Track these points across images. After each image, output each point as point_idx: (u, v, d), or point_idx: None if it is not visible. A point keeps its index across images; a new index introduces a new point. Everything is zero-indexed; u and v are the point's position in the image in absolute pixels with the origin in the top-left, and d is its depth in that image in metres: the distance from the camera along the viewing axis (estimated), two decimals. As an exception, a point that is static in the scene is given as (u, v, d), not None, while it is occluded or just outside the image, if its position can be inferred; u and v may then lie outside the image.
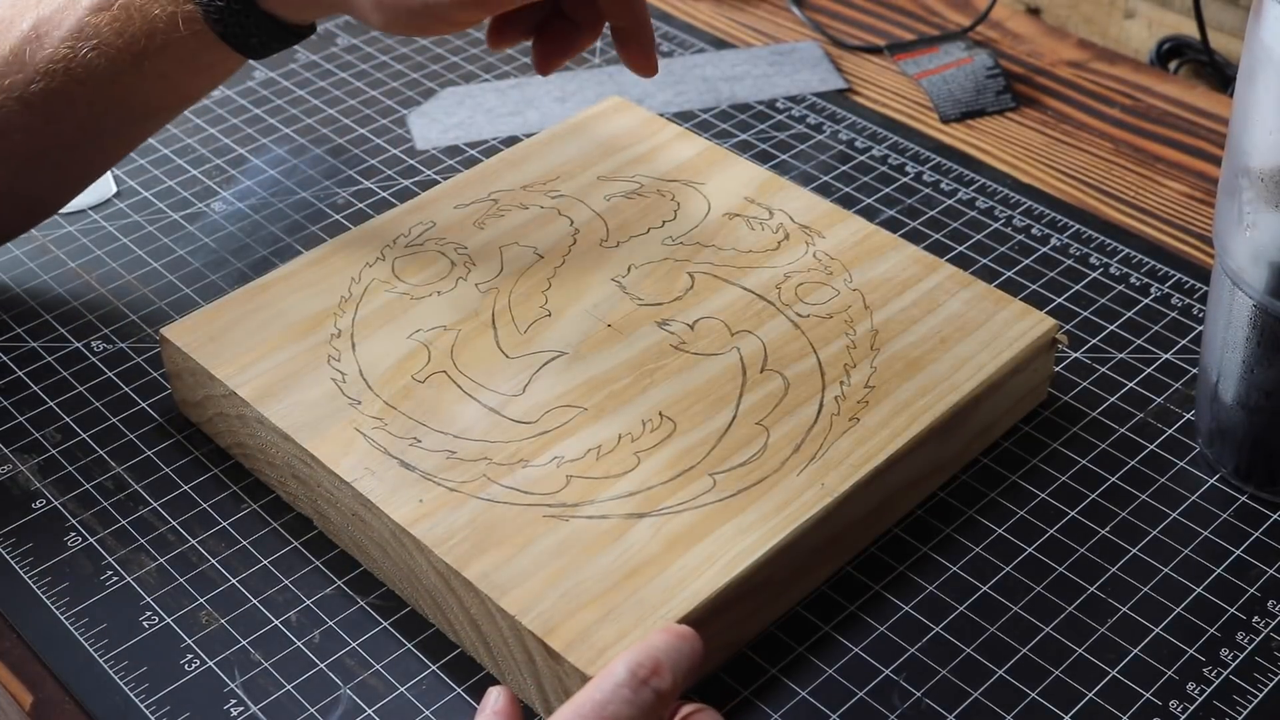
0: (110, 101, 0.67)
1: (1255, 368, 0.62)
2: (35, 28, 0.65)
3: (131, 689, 0.58)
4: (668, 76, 0.92)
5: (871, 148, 0.86)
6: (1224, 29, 0.95)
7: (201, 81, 0.70)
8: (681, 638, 0.49)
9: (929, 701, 0.57)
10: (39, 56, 0.65)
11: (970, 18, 0.98)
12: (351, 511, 0.61)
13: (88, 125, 0.68)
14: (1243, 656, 0.59)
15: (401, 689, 0.58)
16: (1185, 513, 0.64)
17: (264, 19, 0.65)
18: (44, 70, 0.65)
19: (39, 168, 0.70)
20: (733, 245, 0.71)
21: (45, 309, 0.76)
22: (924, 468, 0.63)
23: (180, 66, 0.66)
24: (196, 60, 0.66)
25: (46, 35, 0.65)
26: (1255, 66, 0.57)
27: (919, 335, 0.66)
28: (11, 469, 0.67)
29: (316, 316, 0.67)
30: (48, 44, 0.65)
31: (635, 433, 0.62)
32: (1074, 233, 0.80)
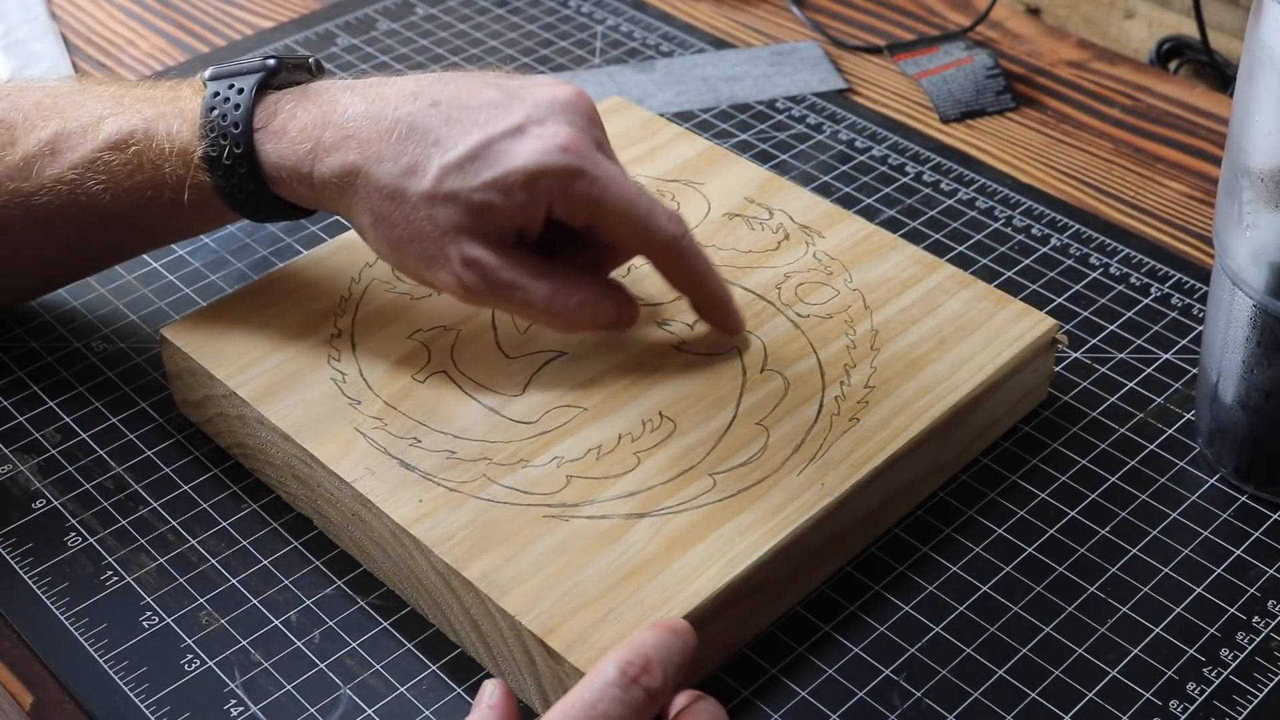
0: (110, 228, 0.67)
1: (1255, 368, 0.62)
2: (53, 141, 0.64)
3: (131, 689, 0.58)
4: (668, 76, 0.92)
5: (871, 148, 0.86)
6: (1224, 29, 0.95)
7: (204, 227, 0.70)
8: (673, 633, 0.49)
9: (929, 701, 0.57)
10: (47, 173, 0.64)
11: (970, 18, 0.98)
12: (351, 511, 0.61)
13: (85, 240, 0.68)
14: (1243, 656, 0.59)
15: (401, 689, 0.58)
16: (1185, 513, 0.64)
17: (273, 199, 0.64)
18: (50, 187, 0.64)
19: (29, 264, 0.70)
20: (733, 245, 0.71)
21: (45, 309, 0.76)
22: (924, 468, 0.63)
23: (184, 214, 0.65)
24: (201, 213, 0.65)
25: (61, 154, 0.64)
26: (1255, 66, 0.57)
27: (919, 335, 0.66)
28: (11, 469, 0.67)
29: (316, 316, 0.67)
30: (59, 163, 0.64)
31: (635, 433, 0.62)
32: (1074, 233, 0.80)
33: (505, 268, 0.61)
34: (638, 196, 0.61)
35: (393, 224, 0.61)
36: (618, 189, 0.61)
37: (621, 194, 0.61)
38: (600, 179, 0.60)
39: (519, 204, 0.60)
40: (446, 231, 0.60)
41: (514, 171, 0.59)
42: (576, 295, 0.62)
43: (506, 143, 0.60)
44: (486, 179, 0.60)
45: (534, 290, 0.61)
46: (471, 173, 0.60)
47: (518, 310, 0.62)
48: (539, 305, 0.61)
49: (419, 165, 0.60)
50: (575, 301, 0.62)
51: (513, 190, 0.59)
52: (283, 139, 0.62)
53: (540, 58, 0.95)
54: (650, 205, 0.62)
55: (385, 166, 0.60)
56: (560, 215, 0.61)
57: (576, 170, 0.60)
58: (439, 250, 0.61)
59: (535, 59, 0.95)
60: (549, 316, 0.62)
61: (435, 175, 0.60)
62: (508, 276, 0.61)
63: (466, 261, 0.60)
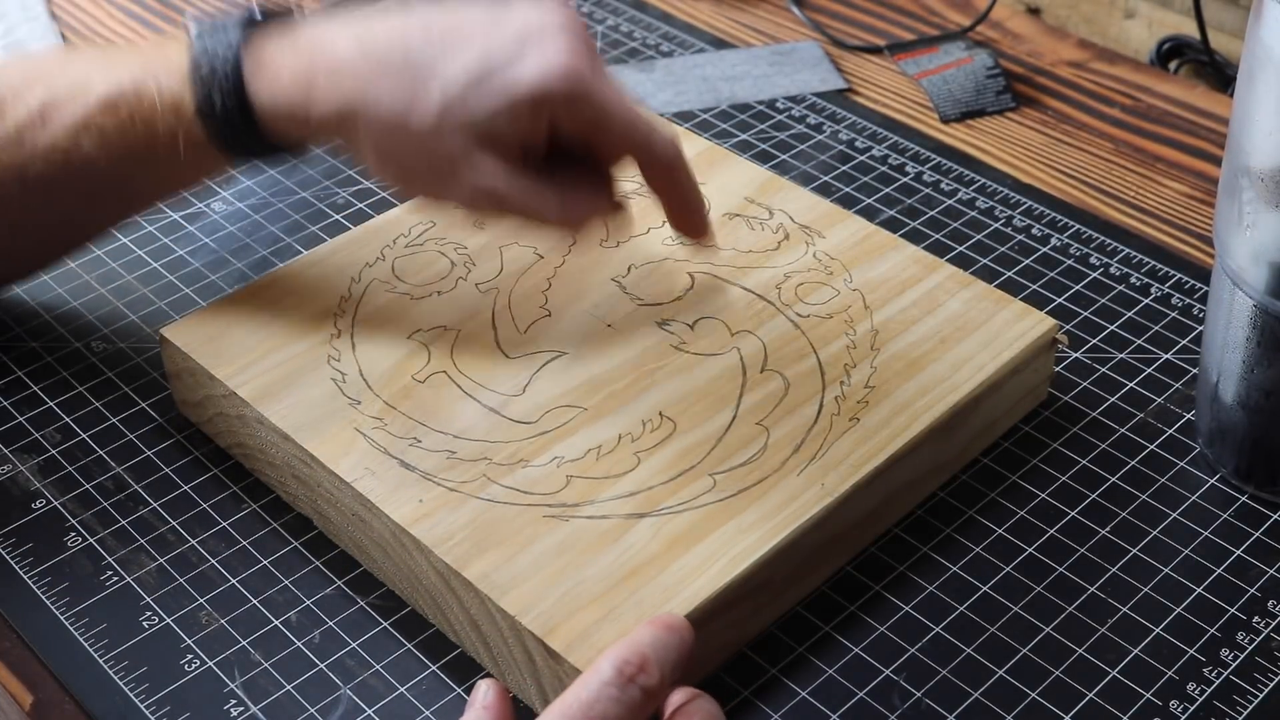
0: (105, 190, 0.67)
1: (1255, 368, 0.62)
2: (43, 110, 0.64)
3: (131, 689, 0.58)
4: (668, 76, 0.92)
5: (871, 148, 0.86)
6: (1224, 29, 0.95)
7: (197, 176, 0.69)
8: (670, 630, 0.48)
9: (929, 701, 0.57)
10: (41, 141, 0.64)
11: (970, 18, 0.98)
12: (351, 511, 0.61)
13: (81, 207, 0.68)
14: (1243, 656, 0.59)
15: (401, 689, 0.58)
16: (1185, 513, 0.64)
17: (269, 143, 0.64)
18: (44, 156, 0.64)
19: (28, 237, 0.70)
20: (733, 245, 0.71)
21: (45, 309, 0.76)
22: (924, 468, 0.63)
23: (178, 167, 0.65)
24: (196, 164, 0.65)
25: (52, 121, 0.64)
26: (1255, 66, 0.57)
27: (919, 335, 0.66)
28: (11, 469, 0.67)
29: (316, 316, 0.67)
30: (52, 130, 0.64)
31: (635, 433, 0.62)
32: (1074, 233, 0.80)
33: (515, 182, 0.62)
34: (638, 119, 0.63)
35: (399, 155, 0.62)
36: (620, 112, 0.62)
37: (624, 117, 0.62)
38: (600, 98, 0.61)
39: (525, 127, 0.61)
40: (455, 156, 0.61)
41: (520, 97, 0.60)
42: (584, 201, 0.64)
43: (507, 66, 0.60)
44: (491, 106, 0.60)
45: (546, 200, 0.63)
46: (475, 100, 0.60)
47: (531, 220, 0.64)
48: (553, 214, 0.63)
49: (420, 98, 0.60)
50: (584, 208, 0.64)
51: (519, 115, 0.60)
52: (276, 83, 0.62)
53: (540, 58, 0.95)
54: (649, 129, 0.63)
55: (385, 102, 0.61)
56: (562, 134, 0.62)
57: (581, 93, 0.61)
58: (451, 173, 0.62)
59: (535, 59, 0.95)
60: (561, 224, 0.64)
61: (439, 106, 0.60)
62: (519, 190, 0.62)
63: (478, 180, 0.61)
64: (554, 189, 0.63)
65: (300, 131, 0.63)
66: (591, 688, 0.46)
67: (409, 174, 0.63)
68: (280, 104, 0.62)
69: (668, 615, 0.50)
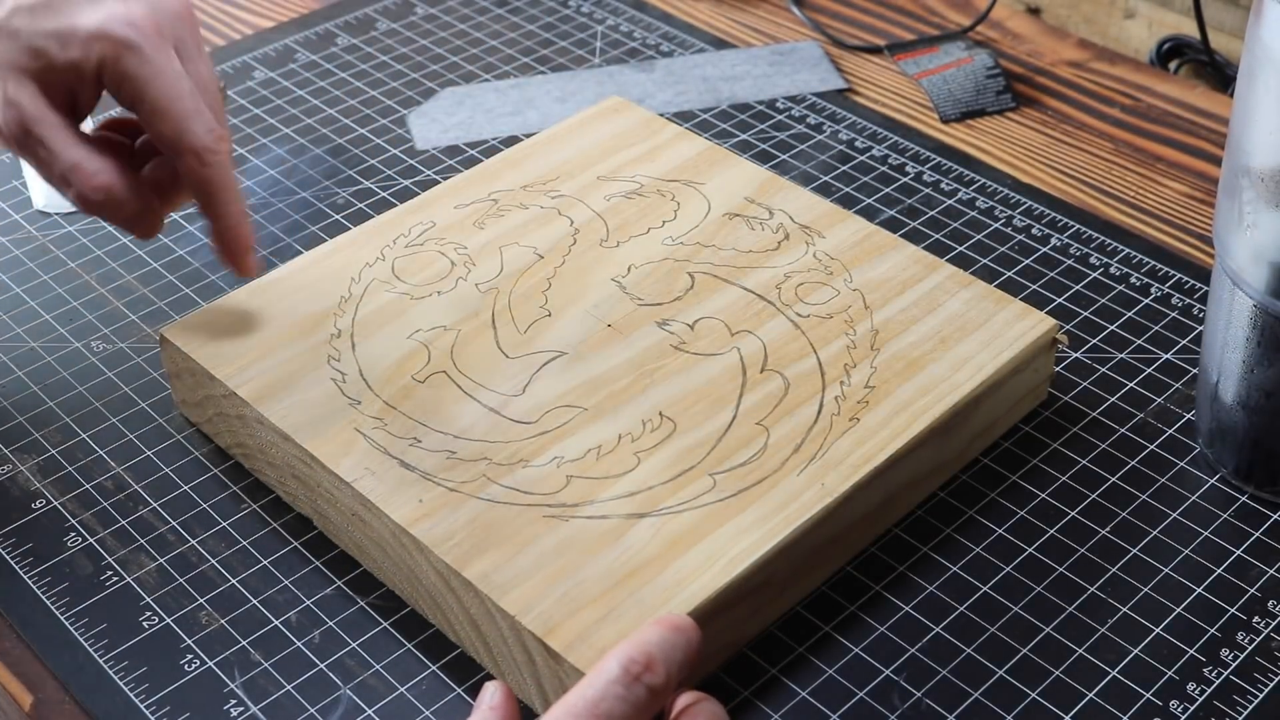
0: None
1: (1255, 368, 0.62)
2: None
3: (131, 689, 0.58)
4: (668, 76, 0.92)
5: (871, 148, 0.86)
6: (1224, 29, 0.95)
7: None
8: (676, 629, 0.48)
9: (929, 701, 0.57)
10: None
11: (970, 18, 0.98)
12: (351, 511, 0.61)
13: None
14: (1243, 656, 0.59)
15: (401, 689, 0.58)
16: (1185, 513, 0.64)
17: None
18: None
19: None
20: (733, 245, 0.71)
21: (45, 309, 0.76)
22: (924, 468, 0.63)
23: None
24: None
25: None
26: (1255, 66, 0.57)
27: (919, 335, 0.66)
28: (11, 469, 0.67)
29: (316, 316, 0.67)
30: None
31: (635, 433, 0.62)
32: (1074, 233, 0.80)
33: (43, 121, 0.59)
34: (186, 95, 0.60)
35: None
36: (168, 79, 0.60)
37: (170, 85, 0.59)
38: (153, 62, 0.59)
39: (72, 60, 0.59)
40: (11, 66, 0.59)
41: (76, 28, 0.59)
42: (102, 175, 0.60)
43: (81, 4, 0.60)
44: (48, 27, 0.59)
45: (62, 151, 0.59)
46: (38, 18, 0.59)
47: (40, 167, 0.60)
48: (59, 166, 0.60)
49: None
50: (97, 180, 0.59)
51: (69, 43, 0.59)
52: None
53: (540, 58, 0.95)
54: (196, 109, 0.60)
55: None
56: (110, 88, 0.60)
57: (133, 44, 0.59)
58: None
59: (535, 59, 0.95)
60: (62, 183, 0.60)
61: (5, 12, 0.60)
62: (42, 130, 0.59)
63: (7, 100, 0.59)
64: (82, 148, 0.60)
65: None
66: (598, 686, 0.46)
67: None
68: None
69: (674, 615, 0.50)
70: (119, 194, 0.60)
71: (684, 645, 0.48)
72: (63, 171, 0.60)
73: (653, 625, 0.48)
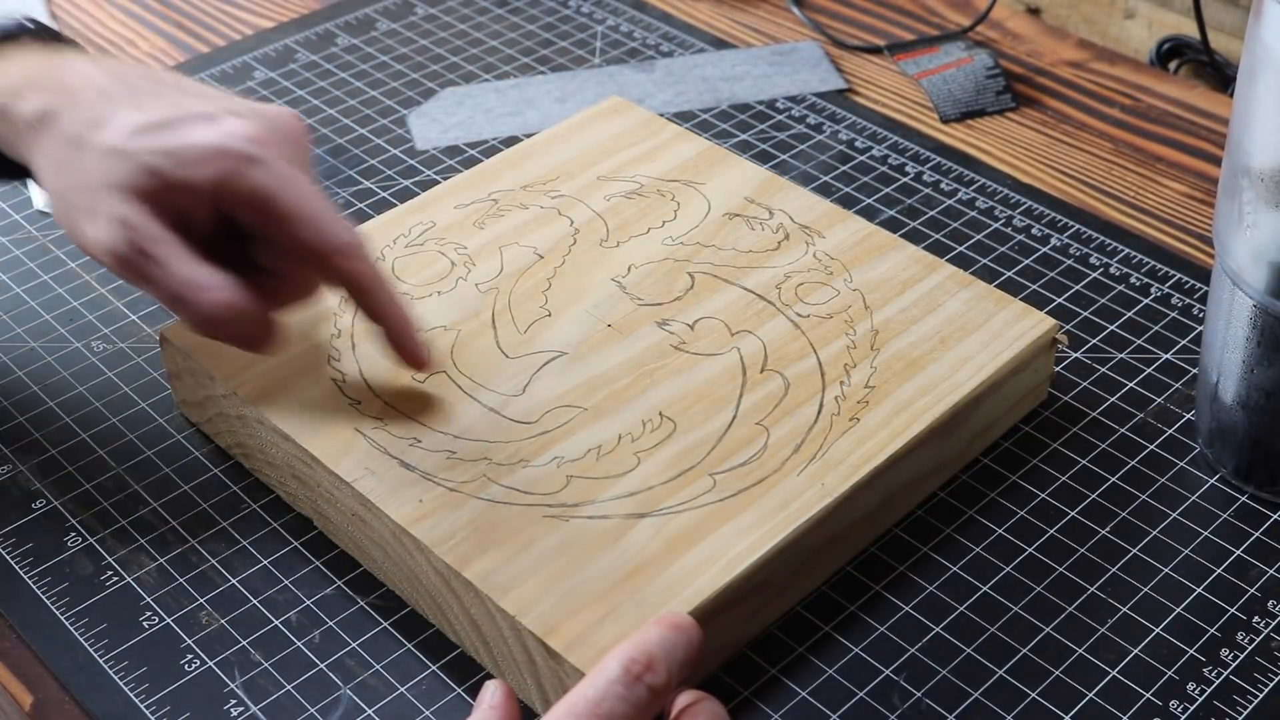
0: None
1: (1255, 368, 0.62)
2: None
3: (131, 689, 0.58)
4: (668, 76, 0.92)
5: (871, 148, 0.86)
6: (1224, 29, 0.95)
7: None
8: (677, 629, 0.48)
9: (929, 701, 0.57)
10: None
11: (970, 18, 0.98)
12: (351, 511, 0.61)
13: None
14: (1243, 656, 0.59)
15: (401, 689, 0.58)
16: (1185, 513, 0.64)
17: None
18: None
19: None
20: (733, 245, 0.71)
21: (45, 309, 0.76)
22: (924, 468, 0.63)
23: None
24: None
25: None
26: (1255, 66, 0.57)
27: (919, 335, 0.66)
28: (11, 469, 0.67)
29: (316, 316, 0.67)
30: None
31: (635, 433, 0.62)
32: (1074, 233, 0.80)
33: (158, 239, 0.58)
34: (318, 197, 0.59)
35: (66, 171, 0.59)
36: (298, 186, 0.59)
37: (301, 190, 0.59)
38: (279, 172, 0.59)
39: (188, 179, 0.58)
40: (111, 186, 0.58)
41: (192, 145, 0.58)
42: (224, 291, 0.58)
43: (196, 122, 0.59)
44: (163, 145, 0.59)
45: (178, 269, 0.57)
46: (152, 137, 0.59)
47: (151, 287, 0.58)
48: (172, 285, 0.58)
49: (108, 120, 0.59)
50: (220, 295, 0.58)
51: (185, 161, 0.58)
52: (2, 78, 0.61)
53: (540, 58, 0.95)
54: (330, 210, 0.59)
55: (79, 115, 0.60)
56: (230, 205, 0.59)
57: (255, 157, 0.58)
58: (97, 202, 0.58)
59: (535, 59, 0.95)
60: (175, 302, 0.58)
61: (118, 131, 0.59)
62: (157, 249, 0.58)
63: (120, 219, 0.58)
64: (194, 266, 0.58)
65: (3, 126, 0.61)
66: (599, 686, 0.46)
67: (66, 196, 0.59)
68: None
69: (675, 615, 0.50)
70: (241, 307, 0.58)
71: (685, 645, 0.48)
72: (177, 290, 0.58)
73: (653, 625, 0.48)
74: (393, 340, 0.62)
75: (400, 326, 0.61)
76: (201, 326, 0.59)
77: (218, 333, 0.59)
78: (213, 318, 0.58)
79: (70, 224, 0.60)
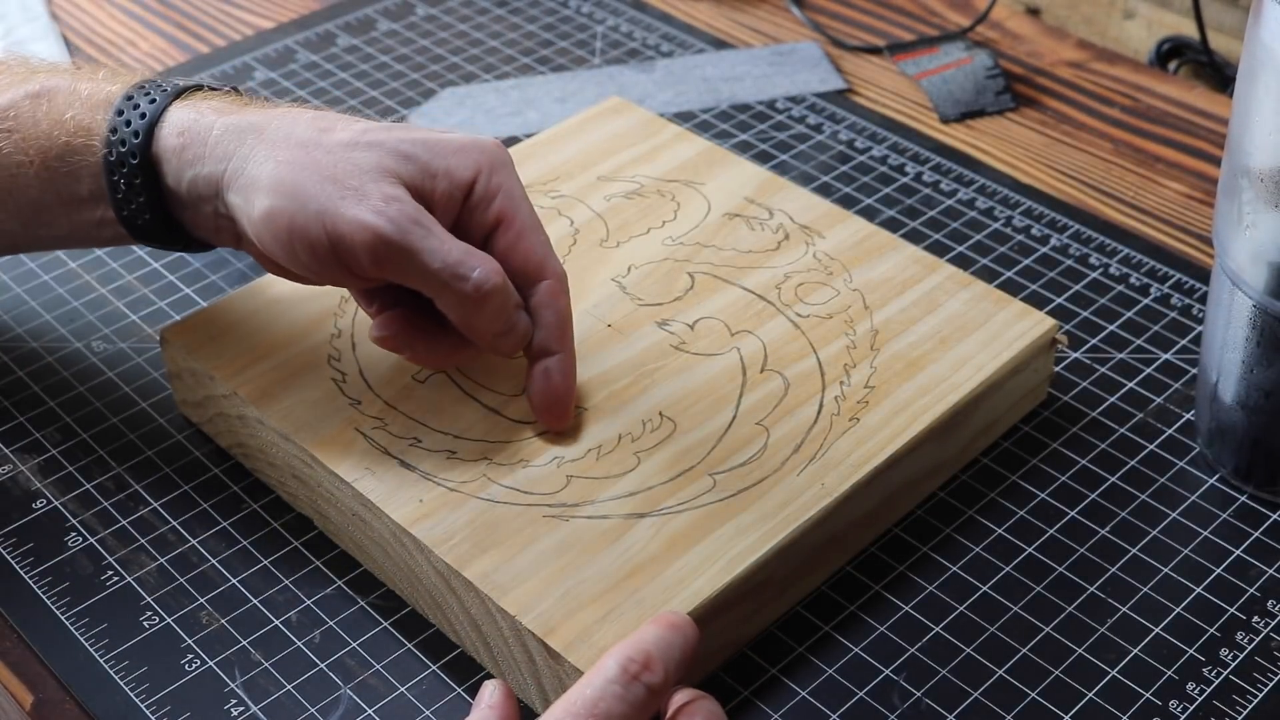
0: None
1: (1255, 368, 0.62)
2: None
3: (132, 689, 0.58)
4: (668, 77, 0.92)
5: (871, 148, 0.86)
6: (1224, 29, 0.95)
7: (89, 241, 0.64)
8: (674, 628, 0.48)
9: (929, 701, 0.57)
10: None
11: (970, 18, 0.98)
12: (351, 511, 0.61)
13: None
14: (1243, 656, 0.59)
15: (401, 689, 0.58)
16: (1185, 513, 0.64)
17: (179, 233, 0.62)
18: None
19: None
20: (733, 245, 0.71)
21: (45, 309, 0.76)
22: (924, 468, 0.63)
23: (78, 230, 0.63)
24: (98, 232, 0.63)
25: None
26: (1255, 66, 0.57)
27: (919, 335, 0.66)
28: (11, 469, 0.67)
29: (316, 316, 0.67)
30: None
31: (635, 433, 0.62)
32: (1074, 233, 0.80)
33: (424, 215, 0.58)
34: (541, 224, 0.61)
35: (304, 166, 0.58)
36: (529, 201, 0.61)
37: (531, 207, 0.61)
38: (520, 181, 0.61)
39: (446, 166, 0.59)
40: (368, 170, 0.58)
41: (444, 139, 0.60)
42: (490, 262, 0.58)
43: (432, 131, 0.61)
44: (413, 137, 0.59)
45: (449, 241, 0.58)
46: (398, 131, 0.60)
47: (419, 263, 0.57)
48: (448, 256, 0.57)
49: (333, 127, 0.59)
50: (488, 265, 0.58)
51: (439, 151, 0.59)
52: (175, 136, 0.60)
53: (540, 58, 0.95)
54: (549, 240, 0.61)
55: (302, 122, 0.59)
56: (482, 199, 0.59)
57: (506, 160, 0.60)
58: (358, 186, 0.57)
59: (535, 59, 0.95)
60: (449, 273, 0.57)
61: (357, 129, 0.59)
62: (428, 221, 0.58)
63: (389, 197, 0.57)
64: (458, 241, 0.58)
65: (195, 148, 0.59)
66: (596, 686, 0.46)
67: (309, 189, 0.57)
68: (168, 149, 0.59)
69: (672, 614, 0.50)
70: (506, 294, 0.59)
71: (682, 644, 0.48)
72: (455, 259, 0.57)
73: (651, 624, 0.49)
74: (550, 387, 0.61)
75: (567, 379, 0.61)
76: (472, 299, 0.58)
77: (485, 308, 0.58)
78: (489, 288, 0.58)
79: (321, 214, 0.57)
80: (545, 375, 0.61)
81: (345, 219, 0.57)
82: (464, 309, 0.58)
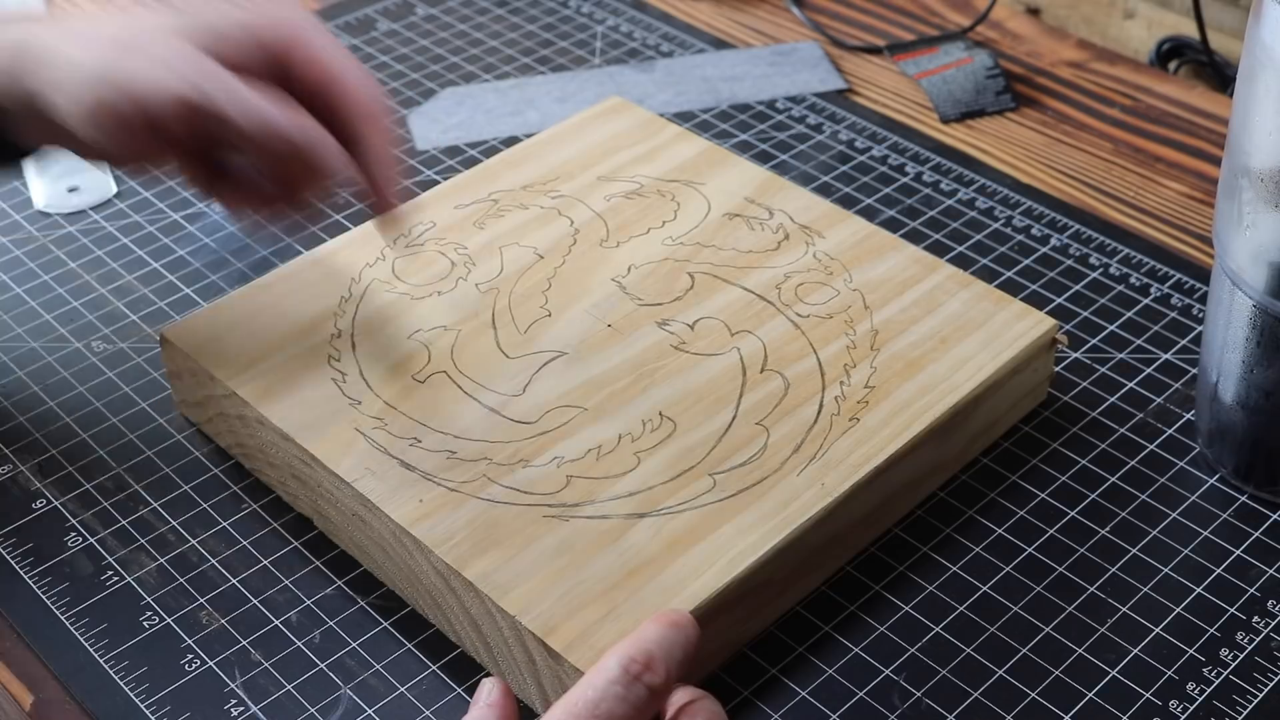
0: None
1: (1255, 368, 0.62)
2: None
3: (131, 689, 0.58)
4: (668, 77, 0.92)
5: (871, 148, 0.86)
6: (1224, 29, 0.95)
7: None
8: (675, 626, 0.48)
9: (929, 701, 0.57)
10: None
11: (970, 18, 0.98)
12: (351, 511, 0.61)
13: None
14: (1243, 656, 0.59)
15: (401, 689, 0.58)
16: (1185, 513, 0.64)
17: None
18: None
19: None
20: (733, 245, 0.71)
21: (45, 309, 0.76)
22: (924, 468, 0.63)
23: None
24: None
25: None
26: (1255, 67, 0.57)
27: (919, 335, 0.66)
28: (11, 469, 0.67)
29: (316, 316, 0.67)
30: None
31: (635, 433, 0.62)
32: (1074, 233, 0.80)
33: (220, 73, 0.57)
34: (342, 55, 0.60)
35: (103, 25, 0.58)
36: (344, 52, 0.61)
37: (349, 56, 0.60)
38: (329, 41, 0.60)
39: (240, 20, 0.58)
40: (177, 30, 0.57)
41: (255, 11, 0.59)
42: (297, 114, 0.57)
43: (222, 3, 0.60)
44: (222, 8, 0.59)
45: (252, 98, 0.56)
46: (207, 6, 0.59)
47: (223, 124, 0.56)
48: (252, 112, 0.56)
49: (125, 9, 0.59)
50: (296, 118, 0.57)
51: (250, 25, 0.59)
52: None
53: (540, 58, 0.95)
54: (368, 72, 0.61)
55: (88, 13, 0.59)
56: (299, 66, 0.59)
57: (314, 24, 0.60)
58: (155, 47, 0.56)
59: (535, 59, 0.95)
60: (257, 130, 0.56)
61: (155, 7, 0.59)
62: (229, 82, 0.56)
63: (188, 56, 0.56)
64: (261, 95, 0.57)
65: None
66: (598, 686, 0.46)
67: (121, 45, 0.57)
68: None
69: (673, 612, 0.50)
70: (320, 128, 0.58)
71: (683, 642, 0.48)
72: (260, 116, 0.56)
73: (652, 622, 0.48)
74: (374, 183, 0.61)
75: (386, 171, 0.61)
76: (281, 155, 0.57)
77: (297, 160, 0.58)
78: (300, 140, 0.57)
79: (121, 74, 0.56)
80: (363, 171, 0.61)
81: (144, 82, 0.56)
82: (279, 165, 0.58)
